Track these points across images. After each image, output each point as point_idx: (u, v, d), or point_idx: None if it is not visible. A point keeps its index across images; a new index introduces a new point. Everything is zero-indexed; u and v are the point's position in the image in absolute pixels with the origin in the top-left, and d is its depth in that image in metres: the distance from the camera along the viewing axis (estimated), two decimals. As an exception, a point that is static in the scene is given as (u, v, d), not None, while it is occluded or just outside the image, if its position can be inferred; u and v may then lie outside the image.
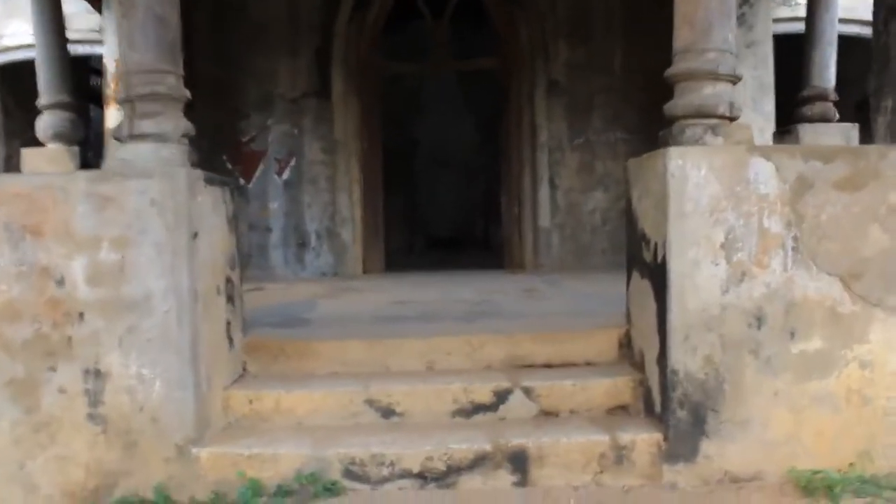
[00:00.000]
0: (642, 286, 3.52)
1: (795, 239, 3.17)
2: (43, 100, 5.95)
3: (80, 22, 9.10)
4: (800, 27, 8.46)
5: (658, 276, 3.28)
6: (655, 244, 3.31)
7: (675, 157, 3.16)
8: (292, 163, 8.52)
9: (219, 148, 8.51)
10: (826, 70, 6.12)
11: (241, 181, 8.52)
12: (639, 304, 3.60)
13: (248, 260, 8.35)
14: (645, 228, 3.49)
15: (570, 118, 8.54)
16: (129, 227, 3.12)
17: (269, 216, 8.54)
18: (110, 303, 3.14)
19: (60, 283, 3.13)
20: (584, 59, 8.56)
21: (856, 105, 8.40)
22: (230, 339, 3.61)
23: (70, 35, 7.04)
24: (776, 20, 8.74)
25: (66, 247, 3.13)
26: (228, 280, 3.63)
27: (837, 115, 6.10)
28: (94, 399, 3.16)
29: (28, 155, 5.91)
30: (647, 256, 3.43)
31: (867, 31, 8.82)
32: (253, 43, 8.42)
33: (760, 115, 7.81)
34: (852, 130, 5.94)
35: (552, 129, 8.50)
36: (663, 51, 8.10)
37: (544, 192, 8.42)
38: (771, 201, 3.17)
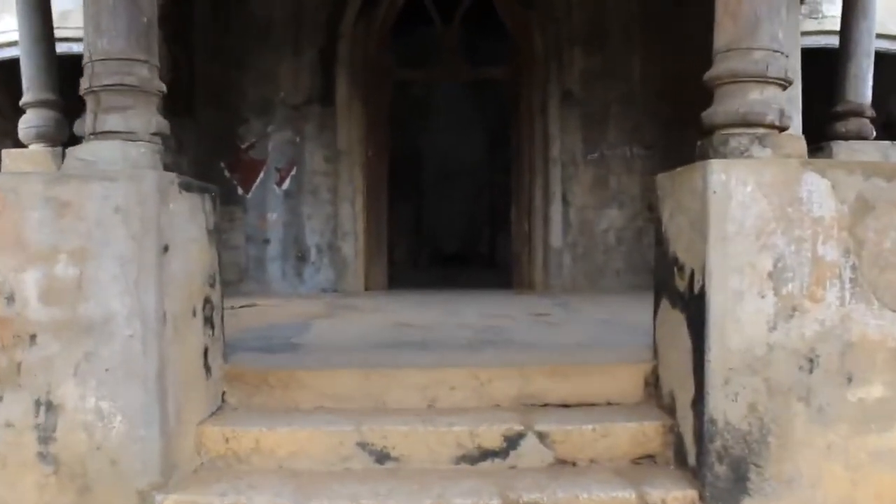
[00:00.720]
0: (673, 318, 3.10)
1: (854, 268, 2.76)
2: (26, 97, 5.55)
3: (76, 19, 8.74)
4: (826, 41, 8.11)
5: (694, 307, 2.87)
6: (691, 271, 2.90)
7: (716, 171, 2.74)
8: (293, 172, 8.14)
9: (217, 155, 8.14)
10: (862, 84, 5.70)
11: (240, 190, 8.15)
12: (669, 337, 3.18)
13: (244, 273, 7.98)
14: (678, 252, 3.07)
15: (584, 130, 8.15)
16: (90, 237, 2.71)
17: (267, 228, 8.15)
18: (66, 324, 2.73)
19: (10, 300, 2.73)
20: (600, 67, 8.19)
21: (882, 124, 7.98)
22: (207, 368, 3.20)
23: (66, 33, 6.69)
24: (802, 33, 8.35)
25: (17, 259, 2.73)
26: (207, 300, 3.22)
27: (874, 133, 5.68)
28: (46, 435, 2.75)
29: (9, 156, 5.51)
30: (681, 284, 3.02)
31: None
32: (255, 41, 8.06)
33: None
34: (891, 149, 5.52)
35: (566, 142, 8.10)
36: (684, 57, 7.70)
37: (556, 208, 8.02)
38: (826, 224, 2.75)
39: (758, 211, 2.73)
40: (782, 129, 2.89)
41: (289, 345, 4.06)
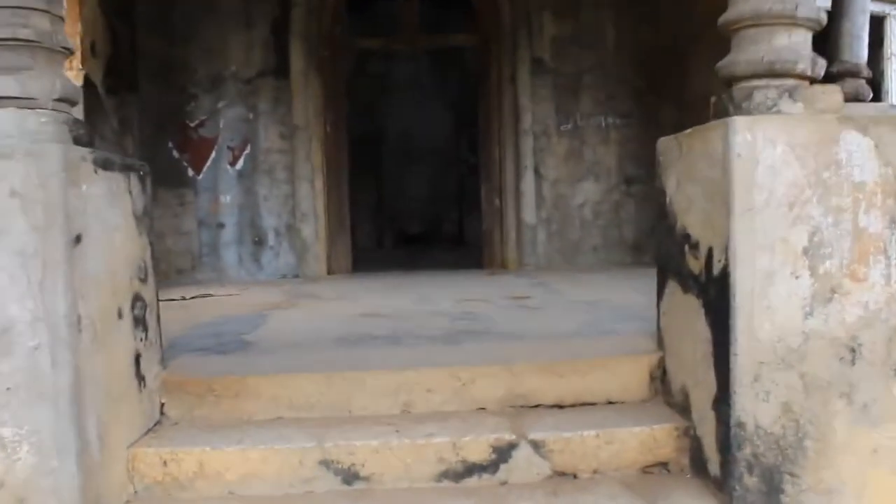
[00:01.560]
0: (685, 304, 2.67)
1: (900, 242, 2.34)
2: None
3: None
4: (808, 1, 7.72)
5: (713, 292, 2.43)
6: (709, 249, 2.46)
7: (740, 130, 2.30)
8: (247, 150, 7.58)
9: (164, 134, 7.56)
10: (857, 42, 5.32)
11: (191, 172, 7.58)
12: (679, 326, 2.75)
13: (198, 260, 7.45)
14: (689, 228, 2.64)
15: (556, 100, 7.70)
16: (-20, 229, 2.20)
17: (220, 211, 7.60)
18: (-43, 336, 2.22)
19: None
20: (572, 33, 7.73)
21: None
22: (140, 377, 2.71)
23: None
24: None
25: None
26: (137, 298, 2.72)
27: (871, 94, 5.31)
28: (-64, 470, 2.24)
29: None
30: (694, 265, 2.58)
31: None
32: (202, 11, 7.47)
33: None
34: (891, 110, 5.14)
35: (537, 113, 7.65)
36: (658, 26, 7.24)
37: (529, 182, 7.57)
38: (869, 191, 2.33)
39: (790, 177, 2.29)
40: (814, 79, 2.45)
41: (241, 343, 3.56)
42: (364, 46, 7.99)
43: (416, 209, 14.97)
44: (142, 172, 2.85)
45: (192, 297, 5.80)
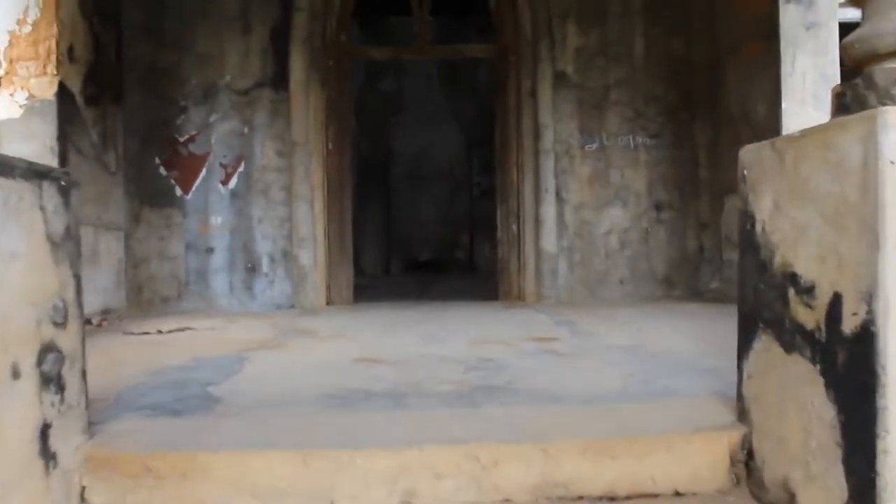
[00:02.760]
0: (789, 368, 1.96)
1: None
2: None
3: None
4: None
5: (842, 357, 1.72)
6: (835, 296, 1.75)
7: (892, 126, 1.60)
8: (240, 168, 6.93)
9: (151, 149, 6.93)
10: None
11: (178, 191, 6.92)
12: (778, 397, 2.04)
13: (184, 288, 6.77)
14: (796, 265, 1.93)
15: (580, 117, 7.04)
16: None
17: (210, 234, 6.94)
18: None
19: None
20: (598, 45, 7.09)
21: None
22: (49, 456, 2.00)
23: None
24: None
25: None
26: (49, 348, 2.02)
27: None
28: None
29: None
30: (805, 316, 1.87)
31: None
32: (195, 16, 6.88)
33: (824, 115, 6.31)
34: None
35: (559, 131, 6.98)
36: (694, 33, 6.67)
37: (549, 207, 6.88)
38: None
39: (962, 194, 1.59)
40: None
41: (205, 398, 2.86)
42: (372, 56, 7.32)
43: (425, 234, 14.33)
44: (63, 182, 2.16)
45: (170, 331, 5.12)
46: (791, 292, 1.94)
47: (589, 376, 3.14)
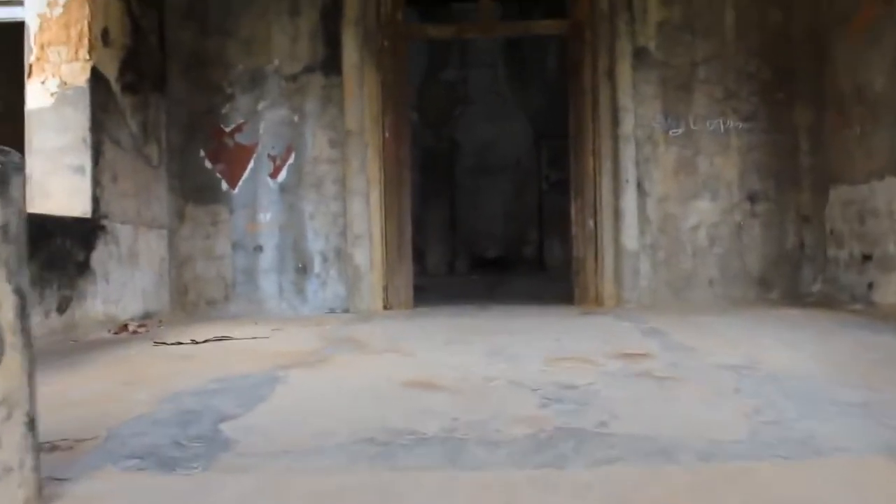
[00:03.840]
0: None
1: None
2: None
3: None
4: None
5: None
6: None
7: None
8: (290, 160, 6.39)
9: (195, 140, 6.46)
10: None
11: (225, 185, 6.42)
12: None
13: (231, 290, 6.28)
14: None
15: (664, 99, 6.30)
16: None
17: (259, 231, 6.42)
18: None
19: None
20: (683, 17, 6.35)
21: None
22: (-36, 546, 1.43)
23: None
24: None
25: None
26: (-34, 395, 1.44)
27: None
28: None
29: None
30: None
31: None
32: (240, -2, 6.35)
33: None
34: None
35: (640, 115, 6.25)
36: (794, 2, 5.91)
37: (630, 200, 6.16)
38: None
39: None
40: None
41: (213, 440, 2.27)
42: (432, 36, 6.69)
43: (492, 231, 13.68)
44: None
45: (205, 341, 4.58)
46: None
47: (701, 413, 2.45)
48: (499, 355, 3.72)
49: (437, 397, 2.77)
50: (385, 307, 6.33)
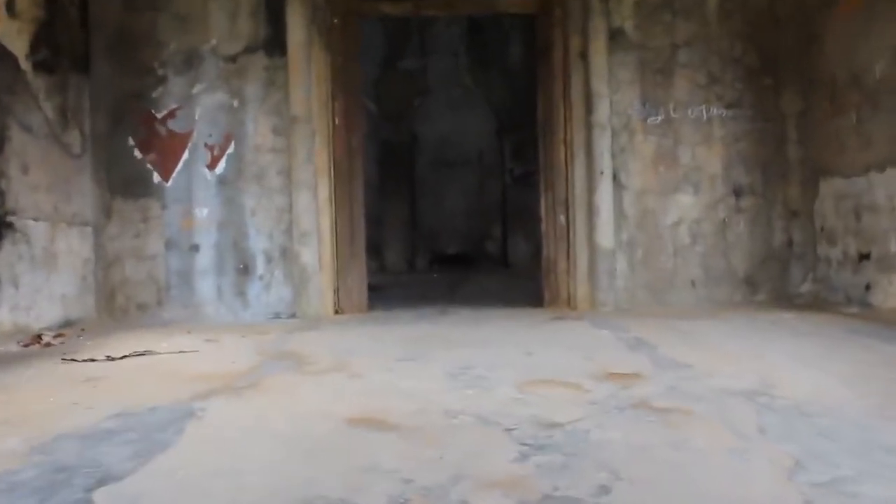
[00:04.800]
0: None
1: None
2: None
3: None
4: None
5: None
6: None
7: None
8: (230, 150, 5.74)
9: (123, 128, 5.78)
10: None
11: (157, 177, 5.75)
12: None
13: (165, 293, 5.63)
14: None
15: (642, 84, 5.78)
16: None
17: (195, 228, 5.76)
18: None
19: None
20: (663, -3, 5.79)
21: None
22: None
23: None
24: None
25: None
26: None
27: None
28: None
29: None
30: None
31: None
32: (169, -32, 5.68)
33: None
34: None
35: (616, 101, 5.71)
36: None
37: (605, 193, 5.62)
38: None
39: None
40: None
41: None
42: (386, 13, 6.07)
43: (454, 226, 13.10)
44: None
45: (123, 357, 3.94)
46: None
47: (727, 469, 1.89)
48: (463, 376, 3.14)
49: (387, 444, 2.18)
50: (336, 311, 5.72)
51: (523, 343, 4.06)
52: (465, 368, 3.31)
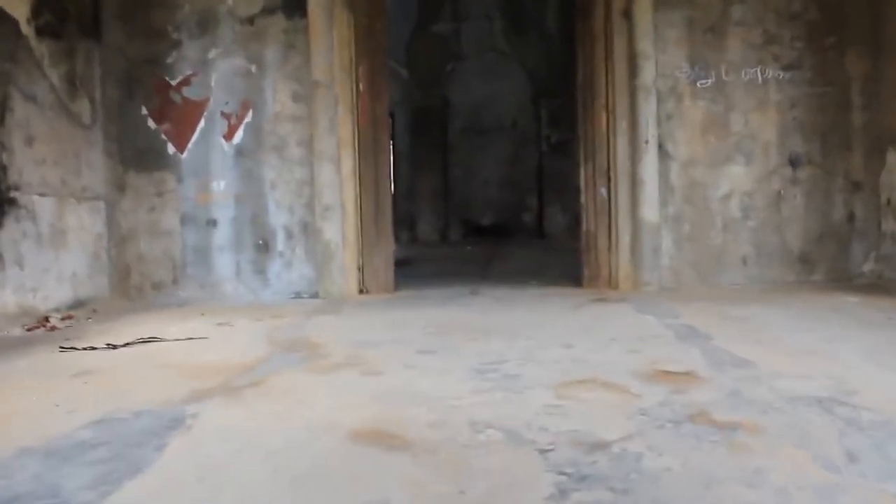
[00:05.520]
0: None
1: None
2: None
3: None
4: None
5: None
6: None
7: None
8: (247, 119, 5.41)
9: (136, 96, 5.47)
10: None
11: (171, 148, 5.44)
12: None
13: (181, 271, 5.37)
14: None
15: (691, 44, 5.32)
16: None
17: (212, 202, 5.46)
18: None
19: None
20: (715, -53, 5.30)
21: None
22: None
23: None
24: None
25: None
26: None
27: None
28: None
29: None
30: None
31: None
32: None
33: None
34: None
35: (663, 63, 5.27)
36: None
37: (650, 164, 5.19)
38: None
39: None
40: None
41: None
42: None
43: (487, 196, 12.71)
44: None
45: (126, 345, 3.64)
46: None
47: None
48: (491, 373, 2.78)
49: (397, 469, 1.83)
50: (361, 291, 5.39)
51: (560, 331, 3.68)
52: (494, 364, 2.95)
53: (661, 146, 5.22)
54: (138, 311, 4.97)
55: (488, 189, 12.67)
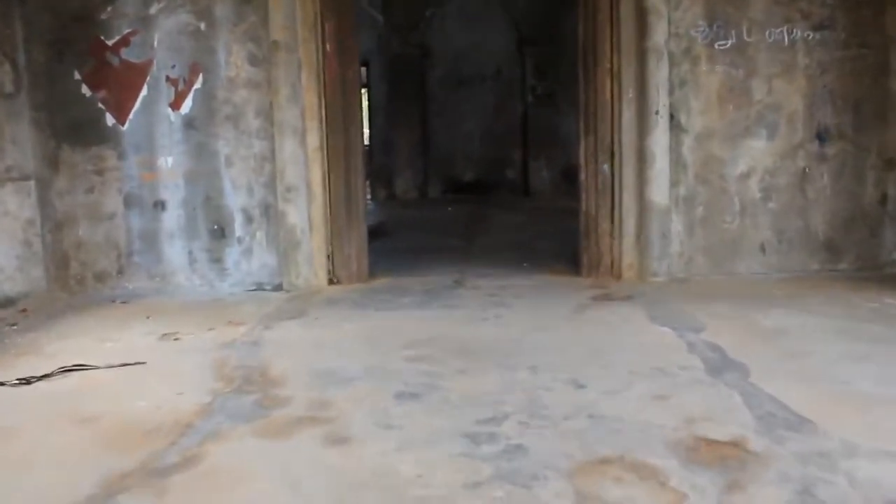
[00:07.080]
0: None
1: None
2: None
3: None
4: None
5: None
6: None
7: None
8: (197, 84, 4.70)
9: (67, 58, 4.71)
10: None
11: (111, 119, 4.73)
12: None
13: (126, 259, 4.73)
14: None
15: (708, 0, 4.60)
16: None
17: (159, 181, 4.79)
18: None
19: None
20: None
21: None
22: None
23: None
24: None
25: None
26: None
27: None
28: None
29: None
30: None
31: None
32: None
33: None
34: None
35: (677, 22, 4.59)
36: None
37: (660, 137, 4.57)
38: None
39: None
40: None
41: None
42: None
43: (469, 151, 11.99)
44: None
45: (44, 377, 3.01)
46: None
47: None
48: (488, 446, 2.18)
49: None
50: (330, 282, 4.75)
51: (565, 354, 3.09)
52: (491, 423, 2.36)
53: (672, 117, 4.57)
54: (76, 310, 4.33)
55: (470, 143, 11.96)
